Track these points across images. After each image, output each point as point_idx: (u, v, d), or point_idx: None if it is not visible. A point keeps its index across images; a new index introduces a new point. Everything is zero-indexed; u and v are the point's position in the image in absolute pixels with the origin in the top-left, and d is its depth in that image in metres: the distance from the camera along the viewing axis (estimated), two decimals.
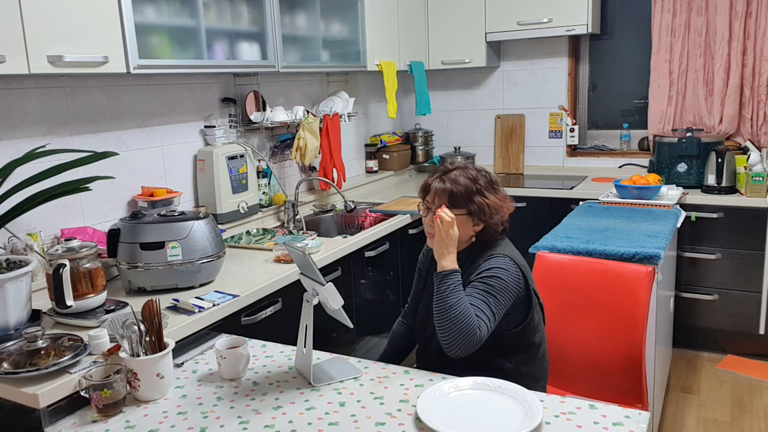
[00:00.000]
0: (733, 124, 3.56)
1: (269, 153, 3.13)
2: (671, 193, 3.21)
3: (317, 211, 3.26)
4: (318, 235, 2.75)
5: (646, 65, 3.82)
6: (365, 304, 2.80)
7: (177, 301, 1.88)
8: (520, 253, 1.79)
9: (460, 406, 1.37)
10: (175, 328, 1.72)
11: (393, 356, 1.98)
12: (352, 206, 3.05)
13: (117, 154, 1.74)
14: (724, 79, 3.53)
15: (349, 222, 3.30)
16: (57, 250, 1.73)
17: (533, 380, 1.77)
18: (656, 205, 3.03)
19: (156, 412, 1.42)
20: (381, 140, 4.00)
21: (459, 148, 4.24)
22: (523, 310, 1.73)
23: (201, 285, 2.05)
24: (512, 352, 1.75)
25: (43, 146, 1.84)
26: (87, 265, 1.73)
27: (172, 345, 1.49)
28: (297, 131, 2.99)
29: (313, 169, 3.41)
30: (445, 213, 1.65)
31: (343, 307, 1.49)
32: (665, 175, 3.51)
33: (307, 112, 3.11)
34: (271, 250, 2.49)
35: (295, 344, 1.70)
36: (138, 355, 1.45)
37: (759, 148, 3.48)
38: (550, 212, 3.54)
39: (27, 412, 1.41)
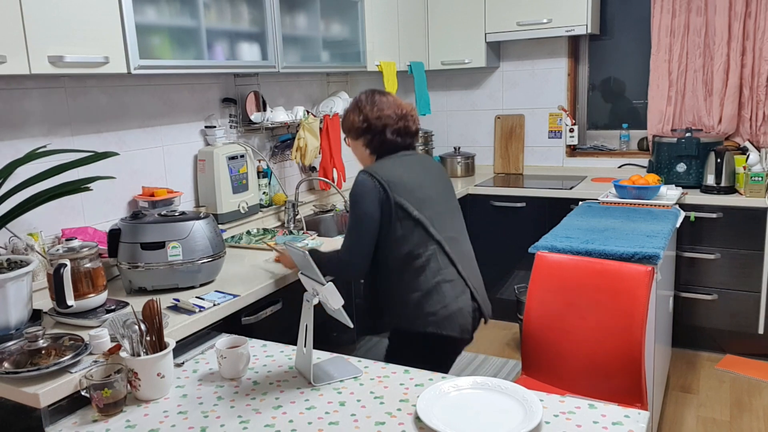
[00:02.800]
0: (732, 125, 3.57)
1: (269, 153, 3.13)
2: (670, 193, 3.22)
3: (317, 211, 3.26)
4: (318, 235, 2.76)
5: (645, 65, 3.82)
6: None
7: (177, 300, 1.89)
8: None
9: (460, 405, 1.37)
10: (175, 328, 1.72)
11: None
12: None
13: (118, 154, 1.75)
14: (724, 79, 3.53)
15: None
16: (58, 250, 1.73)
17: (429, 313, 1.89)
18: (655, 205, 3.03)
19: (156, 411, 1.42)
20: None
21: (459, 148, 4.25)
22: (386, 222, 1.86)
23: (201, 285, 2.05)
24: (394, 273, 1.91)
25: (44, 146, 1.84)
26: (88, 265, 1.73)
27: (172, 345, 1.49)
28: (297, 131, 2.99)
29: (313, 169, 3.41)
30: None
31: (343, 307, 1.50)
32: (664, 175, 3.51)
33: (308, 112, 3.11)
34: (271, 250, 2.49)
35: (295, 344, 1.70)
36: (138, 355, 1.45)
37: (758, 148, 3.49)
38: (549, 212, 3.54)
39: (28, 412, 1.41)
